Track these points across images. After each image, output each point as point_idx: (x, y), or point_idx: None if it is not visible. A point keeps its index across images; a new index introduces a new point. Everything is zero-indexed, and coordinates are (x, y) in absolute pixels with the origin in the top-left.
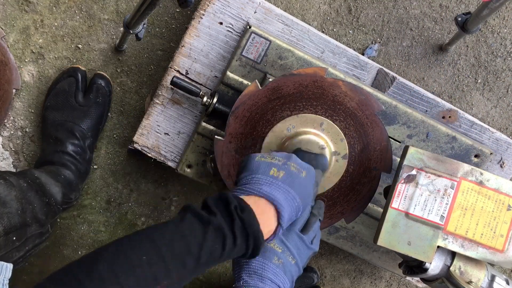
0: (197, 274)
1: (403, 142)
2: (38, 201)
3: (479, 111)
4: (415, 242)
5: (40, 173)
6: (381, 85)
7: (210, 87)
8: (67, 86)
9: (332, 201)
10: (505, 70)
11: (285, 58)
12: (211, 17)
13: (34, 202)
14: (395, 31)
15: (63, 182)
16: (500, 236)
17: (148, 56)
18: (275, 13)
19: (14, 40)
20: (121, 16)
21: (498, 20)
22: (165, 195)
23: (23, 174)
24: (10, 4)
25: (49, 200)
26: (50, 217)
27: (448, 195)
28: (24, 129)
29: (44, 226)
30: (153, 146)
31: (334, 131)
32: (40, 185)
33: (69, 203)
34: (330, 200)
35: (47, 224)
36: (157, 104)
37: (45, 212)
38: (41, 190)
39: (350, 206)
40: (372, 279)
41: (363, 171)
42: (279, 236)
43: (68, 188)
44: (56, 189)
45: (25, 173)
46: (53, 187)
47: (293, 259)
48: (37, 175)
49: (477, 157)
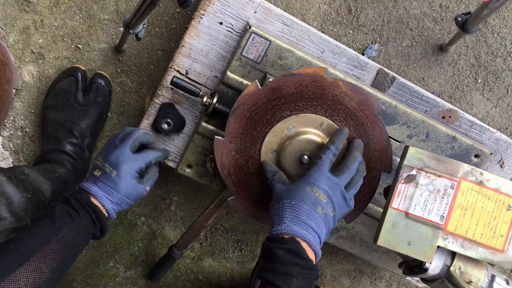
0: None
1: (403, 142)
2: (18, 196)
3: (479, 111)
4: (415, 242)
5: (31, 170)
6: (381, 85)
7: (210, 87)
8: (67, 85)
9: None
10: (505, 70)
11: (285, 58)
12: (211, 17)
13: (13, 197)
14: (395, 31)
15: (56, 180)
16: (500, 236)
17: (148, 56)
18: (275, 13)
19: (14, 40)
20: (121, 16)
21: (498, 20)
22: (165, 195)
23: (10, 169)
24: (10, 4)
25: (32, 196)
26: (31, 213)
27: (448, 195)
28: (24, 129)
29: (21, 221)
30: None
31: (334, 131)
32: (24, 180)
33: None
34: None
35: (26, 219)
36: (157, 104)
37: (24, 208)
38: (23, 185)
39: None
40: (372, 279)
41: None
42: (325, 187)
43: (61, 186)
44: (45, 186)
45: (13, 168)
46: (43, 184)
47: (333, 212)
48: (27, 172)
49: (477, 157)
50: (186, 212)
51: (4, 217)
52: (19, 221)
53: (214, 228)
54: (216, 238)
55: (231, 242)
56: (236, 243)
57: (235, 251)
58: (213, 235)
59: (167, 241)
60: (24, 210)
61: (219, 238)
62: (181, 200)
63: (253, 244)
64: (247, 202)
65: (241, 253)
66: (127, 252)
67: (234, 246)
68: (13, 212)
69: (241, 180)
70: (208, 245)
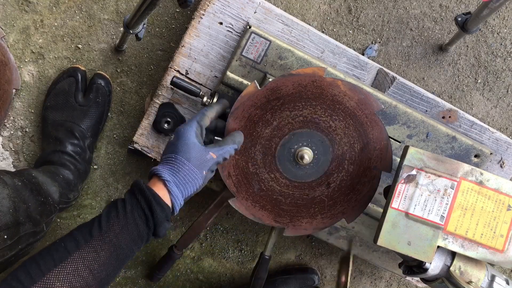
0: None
1: (403, 142)
2: (33, 200)
3: (479, 111)
4: (415, 242)
5: (38, 173)
6: (381, 85)
7: (210, 87)
8: (67, 86)
9: (333, 200)
10: (505, 70)
11: (285, 58)
12: (211, 17)
13: (29, 201)
14: (395, 31)
15: (61, 182)
16: (500, 236)
17: (148, 56)
18: (275, 13)
19: (14, 40)
20: (121, 16)
21: (498, 20)
22: None
23: (19, 173)
24: (10, 4)
25: (45, 200)
26: (45, 216)
27: (448, 195)
28: (24, 129)
29: (38, 225)
30: (153, 146)
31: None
32: (36, 184)
33: (68, 202)
34: (331, 200)
35: (42, 223)
36: (157, 104)
37: (40, 211)
38: (36, 189)
39: (351, 206)
40: (372, 279)
41: (363, 170)
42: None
43: (66, 188)
44: (54, 188)
45: (22, 172)
46: (51, 187)
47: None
48: (34, 175)
49: (477, 157)
50: (186, 212)
51: (23, 222)
52: (36, 225)
53: (214, 228)
54: (216, 238)
55: (231, 242)
56: (236, 243)
57: (235, 251)
58: (213, 235)
59: (167, 241)
60: (39, 214)
61: (219, 238)
62: None
63: (253, 244)
64: (247, 202)
65: (241, 253)
66: None
67: (234, 246)
68: (31, 217)
69: (241, 180)
70: (208, 245)
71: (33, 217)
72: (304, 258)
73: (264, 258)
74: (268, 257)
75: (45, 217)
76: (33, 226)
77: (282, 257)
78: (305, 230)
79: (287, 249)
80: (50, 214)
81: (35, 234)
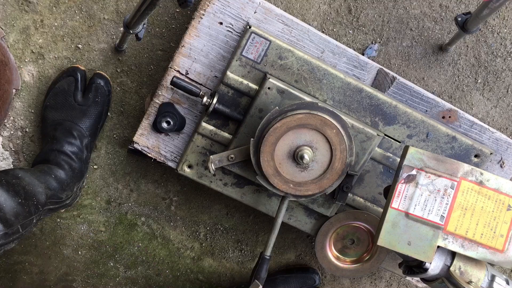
0: None
1: (403, 142)
2: (9, 201)
3: (479, 111)
4: (415, 242)
5: (25, 173)
6: (381, 85)
7: (210, 87)
8: (67, 85)
9: None
10: (505, 70)
11: (285, 58)
12: (211, 17)
13: (3, 202)
14: (395, 31)
15: (53, 181)
16: (500, 236)
17: (148, 56)
18: (275, 13)
19: (14, 40)
20: (121, 16)
21: (498, 20)
22: (165, 195)
23: (4, 173)
24: (10, 4)
25: (23, 201)
26: (22, 218)
27: (448, 195)
28: (24, 129)
29: (11, 227)
30: (153, 146)
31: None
32: (15, 185)
33: (59, 202)
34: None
35: (16, 225)
36: (157, 104)
37: (15, 213)
38: (14, 190)
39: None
40: (372, 279)
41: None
42: None
43: (58, 187)
44: (40, 189)
45: (6, 172)
46: (37, 188)
47: None
48: (21, 175)
49: (477, 157)
50: (186, 212)
51: None
52: (9, 227)
53: (214, 228)
54: (216, 238)
55: (231, 242)
56: (236, 243)
57: (235, 251)
58: (213, 235)
59: (167, 241)
60: (14, 215)
61: (219, 238)
62: (181, 200)
63: (253, 244)
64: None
65: (241, 253)
66: (127, 252)
67: (234, 246)
68: (2, 218)
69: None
70: (208, 245)
71: (5, 218)
72: (304, 258)
73: (264, 258)
74: (268, 257)
75: (22, 219)
76: (5, 228)
77: (282, 257)
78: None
79: (287, 249)
80: (29, 215)
81: (6, 236)
